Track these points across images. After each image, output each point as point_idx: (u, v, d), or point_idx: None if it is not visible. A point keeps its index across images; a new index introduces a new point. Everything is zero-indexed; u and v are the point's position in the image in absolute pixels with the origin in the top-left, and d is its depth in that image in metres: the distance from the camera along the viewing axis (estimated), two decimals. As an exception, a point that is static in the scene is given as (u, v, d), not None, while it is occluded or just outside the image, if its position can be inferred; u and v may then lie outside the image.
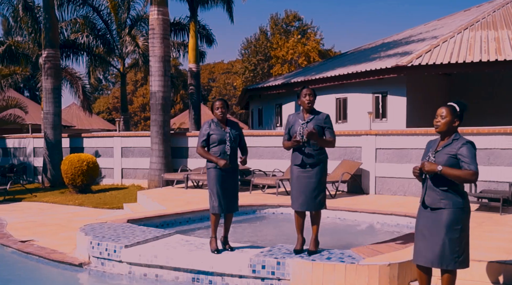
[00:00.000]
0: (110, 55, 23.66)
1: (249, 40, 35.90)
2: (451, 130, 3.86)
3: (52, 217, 9.89)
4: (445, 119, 3.84)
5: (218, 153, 5.50)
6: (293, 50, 32.27)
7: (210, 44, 25.24)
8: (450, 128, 3.85)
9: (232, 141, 5.55)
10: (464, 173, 3.69)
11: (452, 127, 3.85)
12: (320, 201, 5.16)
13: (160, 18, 14.28)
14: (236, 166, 5.68)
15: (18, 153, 17.64)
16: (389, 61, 14.63)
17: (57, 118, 15.83)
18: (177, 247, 5.84)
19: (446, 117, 3.84)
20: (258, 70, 34.18)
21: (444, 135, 3.89)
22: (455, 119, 3.84)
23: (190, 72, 22.70)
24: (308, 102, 5.19)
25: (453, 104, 3.93)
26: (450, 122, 3.83)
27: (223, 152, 5.50)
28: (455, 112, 3.85)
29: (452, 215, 3.77)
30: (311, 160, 5.13)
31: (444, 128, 3.85)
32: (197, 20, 22.78)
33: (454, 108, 3.86)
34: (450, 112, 3.84)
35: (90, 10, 22.59)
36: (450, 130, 3.85)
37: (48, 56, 15.90)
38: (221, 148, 5.50)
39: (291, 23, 36.04)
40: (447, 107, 3.88)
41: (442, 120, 3.85)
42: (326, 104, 16.51)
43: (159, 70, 14.25)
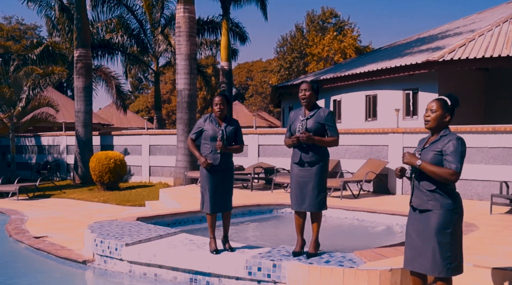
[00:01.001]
0: (144, 54, 23.97)
1: (285, 38, 35.62)
2: (442, 125, 3.55)
3: (73, 214, 10.01)
4: (435, 114, 3.54)
5: (210, 150, 5.35)
6: (328, 47, 31.77)
7: (244, 41, 25.15)
8: (440, 124, 3.55)
9: (225, 138, 5.36)
10: (442, 171, 3.39)
11: (443, 122, 3.55)
12: (320, 201, 4.92)
13: (186, 16, 14.28)
14: (230, 165, 5.51)
15: (52, 150, 18.11)
16: (421, 56, 14.08)
17: (88, 116, 16.12)
18: (178, 246, 5.72)
19: (436, 112, 3.54)
20: (293, 67, 33.88)
21: (434, 131, 3.59)
22: (446, 114, 3.54)
23: (222, 70, 22.73)
24: (303, 98, 4.94)
25: (444, 97, 3.62)
26: (441, 117, 3.53)
27: (214, 149, 5.33)
28: (446, 106, 3.55)
29: (441, 217, 3.48)
30: (310, 159, 4.88)
31: (434, 124, 3.55)
32: (229, 18, 22.76)
33: (445, 102, 3.56)
34: (440, 106, 3.54)
35: (124, 10, 23.00)
36: (441, 125, 3.55)
37: (80, 55, 16.21)
38: (213, 145, 5.35)
39: (327, 20, 35.55)
40: (438, 101, 3.58)
41: (432, 115, 3.55)
42: (355, 101, 16.11)
43: (185, 68, 14.25)
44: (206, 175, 5.38)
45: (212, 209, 5.39)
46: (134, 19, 23.34)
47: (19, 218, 9.38)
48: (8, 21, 45.75)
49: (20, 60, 20.16)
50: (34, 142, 18.46)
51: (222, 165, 5.40)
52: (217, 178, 5.39)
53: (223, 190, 5.46)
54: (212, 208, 5.38)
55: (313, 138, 4.76)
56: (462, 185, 10.13)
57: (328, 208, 8.79)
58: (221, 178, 5.42)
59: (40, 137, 18.31)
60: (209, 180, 5.36)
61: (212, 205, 5.37)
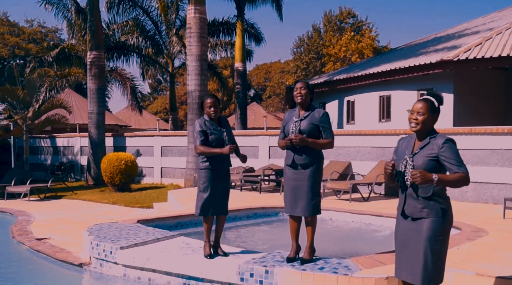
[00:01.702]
0: (159, 56, 24.04)
1: (301, 38, 35.38)
2: (429, 128, 3.35)
3: (80, 215, 10.01)
4: (423, 116, 3.32)
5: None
6: (346, 48, 31.43)
7: (259, 42, 25.05)
8: (428, 126, 3.34)
9: (229, 140, 5.27)
10: (457, 177, 3.20)
11: (431, 124, 3.36)
12: (314, 205, 4.73)
13: (197, 16, 14.21)
14: (228, 169, 5.38)
15: (67, 151, 18.25)
16: (436, 56, 13.73)
17: (101, 118, 16.18)
18: (173, 250, 5.62)
19: (424, 114, 3.32)
20: (310, 68, 33.62)
21: (421, 134, 3.37)
22: (434, 115, 3.34)
23: (237, 71, 22.64)
24: (298, 96, 4.77)
25: (430, 98, 3.40)
26: (429, 119, 3.32)
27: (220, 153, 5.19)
28: (434, 108, 3.34)
29: (435, 224, 3.30)
30: (303, 161, 4.70)
31: (422, 127, 3.33)
32: (243, 19, 22.67)
33: (432, 103, 3.35)
34: (428, 107, 3.33)
35: (140, 12, 23.10)
36: (429, 128, 3.35)
37: (93, 57, 16.29)
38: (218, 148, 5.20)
39: (345, 20, 35.19)
40: (425, 103, 3.36)
41: (419, 118, 3.32)
42: (369, 102, 15.83)
43: (196, 69, 14.18)
44: (207, 177, 5.24)
45: (212, 212, 5.25)
46: (150, 21, 23.44)
47: (25, 219, 9.41)
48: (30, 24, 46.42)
49: (36, 62, 20.42)
50: (50, 143, 18.64)
51: (224, 167, 5.29)
52: (219, 181, 5.28)
53: (223, 193, 5.34)
54: (212, 211, 5.24)
55: (307, 140, 4.59)
56: (476, 188, 9.82)
57: (335, 212, 8.71)
58: (222, 180, 5.31)
59: (55, 138, 18.48)
60: (211, 182, 5.22)
61: (212, 208, 5.24)
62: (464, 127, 10.23)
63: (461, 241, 5.90)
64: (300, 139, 4.55)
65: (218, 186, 5.24)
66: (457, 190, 10.10)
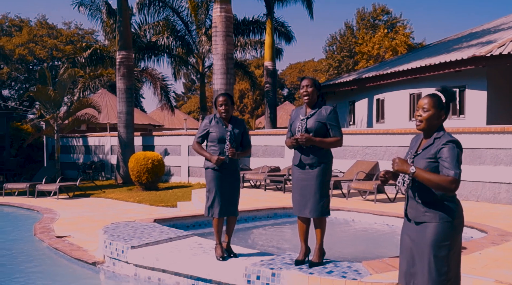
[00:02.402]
0: (189, 56, 24.17)
1: (334, 36, 34.93)
2: (436, 126, 3.09)
3: (103, 213, 10.10)
4: (427, 113, 3.07)
5: (218, 152, 5.11)
6: (379, 45, 30.82)
7: (289, 41, 24.84)
8: (434, 124, 3.08)
9: (233, 140, 5.12)
10: (439, 178, 2.91)
11: (437, 122, 3.09)
12: (322, 206, 4.56)
13: (222, 15, 14.18)
14: (237, 167, 5.26)
15: (98, 150, 18.57)
16: (468, 51, 13.21)
17: (130, 117, 16.36)
18: (183, 250, 5.55)
19: (429, 110, 3.07)
20: (342, 66, 33.15)
21: (427, 133, 3.13)
22: (440, 112, 3.07)
23: (266, 70, 22.53)
24: (305, 94, 4.60)
25: (438, 93, 3.14)
26: (434, 117, 3.06)
27: (222, 152, 5.09)
28: (441, 104, 3.07)
29: (439, 229, 3.04)
30: (310, 160, 4.53)
31: (427, 125, 3.08)
32: (273, 17, 22.54)
33: (439, 98, 3.09)
34: (434, 103, 3.07)
35: (170, 12, 23.28)
36: (434, 126, 3.09)
37: (122, 57, 16.49)
38: (220, 147, 5.10)
39: (378, 17, 34.52)
40: (431, 98, 3.10)
41: (424, 114, 3.07)
42: (399, 100, 15.41)
43: (221, 68, 14.15)
44: (212, 177, 5.15)
45: (220, 213, 5.14)
46: (180, 21, 23.59)
47: (50, 217, 9.57)
48: (67, 26, 47.63)
49: (69, 63, 20.86)
50: (82, 142, 19.01)
51: (229, 167, 5.17)
52: (225, 181, 5.16)
53: (231, 193, 5.22)
54: (220, 212, 5.14)
55: (313, 139, 4.41)
56: (510, 190, 9.38)
57: (357, 213, 8.47)
58: (228, 180, 5.19)
59: (87, 137, 18.83)
60: (216, 183, 5.13)
61: (220, 209, 5.13)
62: (497, 126, 9.79)
63: (485, 245, 5.60)
64: (306, 138, 4.38)
65: (224, 186, 5.13)
66: (489, 192, 9.67)
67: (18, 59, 37.54)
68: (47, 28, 43.14)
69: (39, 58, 39.30)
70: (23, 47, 37.99)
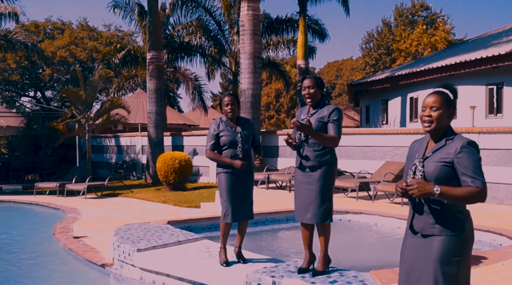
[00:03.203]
0: (222, 55, 24.14)
1: (371, 34, 34.18)
2: (446, 126, 2.77)
3: (126, 214, 10.12)
4: (437, 112, 2.72)
5: (229, 156, 4.90)
6: (417, 42, 29.91)
7: (323, 39, 24.44)
8: (444, 124, 2.76)
9: (245, 142, 4.92)
10: (467, 192, 2.58)
11: (448, 122, 2.77)
12: (323, 212, 4.28)
13: (250, 14, 14.01)
14: (251, 170, 5.05)
15: (129, 150, 18.77)
16: (507, 46, 12.53)
17: (159, 118, 16.43)
18: (189, 254, 5.40)
19: (439, 109, 2.73)
20: (379, 64, 32.38)
21: (435, 134, 2.79)
22: (450, 110, 2.74)
23: (299, 68, 22.23)
24: (307, 96, 4.33)
25: (444, 90, 2.80)
26: (445, 116, 2.73)
27: (235, 155, 4.88)
28: (450, 101, 2.75)
29: (448, 243, 2.71)
30: (311, 163, 4.27)
31: (439, 125, 2.74)
32: (306, 15, 22.21)
33: (447, 95, 2.76)
34: (443, 100, 2.74)
35: (203, 12, 23.32)
36: (445, 126, 2.76)
37: (152, 58, 16.58)
38: (233, 151, 4.89)
39: (417, 13, 33.52)
40: (439, 96, 2.76)
41: (434, 114, 2.73)
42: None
43: (248, 67, 13.99)
44: (226, 180, 4.95)
45: (233, 218, 4.94)
46: (213, 21, 23.59)
47: (73, 216, 9.65)
48: (107, 28, 48.69)
49: (104, 65, 21.22)
50: (114, 142, 19.27)
51: (244, 169, 4.97)
52: (238, 184, 4.96)
53: (244, 196, 5.02)
54: (233, 217, 4.93)
55: (310, 127, 4.05)
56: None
57: (381, 216, 8.10)
58: (241, 184, 4.98)
59: (119, 137, 19.07)
60: (229, 187, 4.93)
61: (233, 214, 4.93)
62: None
63: (509, 255, 5.17)
64: (302, 125, 4.04)
65: (237, 189, 4.92)
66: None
67: (59, 61, 38.59)
68: (88, 30, 44.20)
69: (80, 59, 40.30)
70: (64, 49, 39.05)
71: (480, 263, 4.81)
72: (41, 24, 42.64)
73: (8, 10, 18.26)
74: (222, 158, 4.92)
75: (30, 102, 43.13)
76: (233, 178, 4.89)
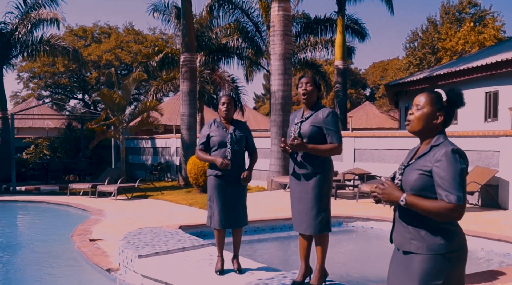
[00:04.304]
0: (259, 57, 24.00)
1: (415, 32, 33.12)
2: (432, 129, 2.43)
3: (150, 216, 10.10)
4: (420, 112, 2.43)
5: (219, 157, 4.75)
6: (464, 40, 28.70)
7: (363, 39, 23.93)
8: (429, 127, 2.42)
9: (235, 143, 4.74)
10: (438, 207, 2.25)
11: (432, 125, 2.42)
12: (320, 222, 4.02)
13: (280, 14, 13.78)
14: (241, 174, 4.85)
15: (164, 152, 18.93)
16: (554, 43, 11.69)
17: (192, 120, 16.45)
18: (190, 262, 5.26)
19: (423, 108, 2.43)
20: (424, 64, 31.30)
21: (423, 138, 2.48)
22: (437, 112, 2.41)
23: (337, 69, 21.86)
24: (303, 93, 4.08)
25: (439, 90, 2.49)
26: (429, 117, 2.41)
27: (224, 156, 4.73)
28: (439, 102, 2.42)
29: (427, 264, 2.38)
30: (305, 170, 4.02)
31: (419, 126, 2.43)
32: (344, 15, 21.78)
33: (438, 96, 2.44)
34: (430, 101, 2.42)
35: (240, 14, 23.26)
36: (430, 129, 2.43)
37: (185, 60, 16.63)
38: (222, 152, 4.74)
39: (464, 10, 32.18)
40: (428, 95, 2.46)
41: (416, 113, 2.44)
42: (473, 99, 14.05)
43: (279, 68, 13.76)
44: (214, 185, 4.82)
45: (222, 224, 4.79)
46: (250, 22, 23.50)
47: (96, 218, 9.72)
48: (152, 32, 49.65)
49: (142, 67, 21.54)
50: (150, 144, 19.50)
51: (233, 173, 4.80)
52: (228, 189, 4.81)
53: (235, 202, 4.85)
54: (221, 223, 4.79)
55: (305, 145, 3.87)
56: None
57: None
58: (232, 188, 4.82)
59: (155, 139, 19.28)
60: (218, 191, 4.80)
61: (222, 220, 4.79)
62: None
63: (532, 272, 4.71)
64: (297, 144, 3.85)
65: (226, 195, 4.76)
66: None
67: (105, 64, 39.63)
68: (133, 34, 45.18)
69: (125, 63, 41.27)
70: (110, 53, 40.08)
71: (495, 280, 4.40)
72: (89, 29, 43.97)
73: (50, 16, 18.81)
74: (206, 155, 4.83)
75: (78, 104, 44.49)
76: (222, 183, 4.73)
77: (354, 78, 52.98)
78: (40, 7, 18.87)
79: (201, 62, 22.52)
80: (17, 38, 19.06)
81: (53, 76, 40.82)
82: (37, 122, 27.87)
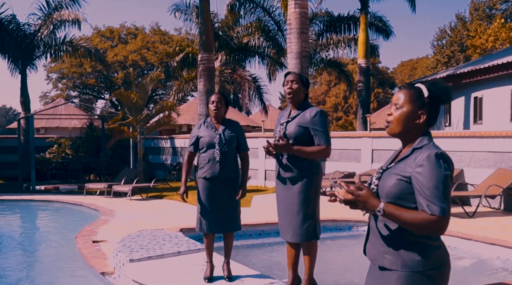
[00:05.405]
0: (280, 56, 23.73)
1: (443, 30, 32.24)
2: (414, 130, 2.15)
3: (161, 217, 9.97)
4: (399, 111, 2.14)
5: (207, 159, 4.55)
6: (494, 37, 27.74)
7: (387, 36, 23.43)
8: (410, 128, 2.14)
9: (223, 144, 4.52)
10: (419, 219, 1.97)
11: (414, 125, 2.13)
12: (306, 230, 3.76)
13: (297, 11, 13.47)
14: (234, 175, 4.63)
15: (183, 152, 18.85)
16: None
17: (210, 119, 16.29)
18: (183, 267, 5.07)
19: (402, 107, 2.14)
20: (452, 62, 30.41)
21: (404, 140, 2.19)
22: (418, 111, 2.12)
23: (359, 68, 21.38)
24: (289, 92, 3.82)
25: (419, 85, 2.20)
26: (409, 116, 2.12)
27: (212, 158, 4.52)
28: (420, 99, 2.12)
29: (403, 282, 2.13)
30: (291, 173, 3.76)
31: (399, 128, 2.15)
32: (367, 12, 21.29)
33: (419, 91, 2.15)
34: (410, 98, 2.13)
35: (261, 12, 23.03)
36: (412, 130, 2.15)
37: (202, 59, 16.51)
38: (210, 154, 4.52)
39: (495, 6, 31.13)
40: (407, 91, 2.17)
41: (395, 113, 2.15)
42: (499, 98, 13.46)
43: (295, 67, 13.45)
44: (203, 187, 4.64)
45: (208, 228, 4.60)
46: (271, 21, 23.25)
47: (105, 219, 9.64)
48: (178, 32, 49.92)
49: (162, 67, 21.56)
50: (170, 144, 19.46)
51: (222, 175, 4.58)
52: (217, 192, 4.60)
53: (224, 206, 4.64)
54: (208, 227, 4.59)
55: (289, 147, 3.61)
56: None
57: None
58: (221, 191, 4.61)
59: (174, 139, 19.23)
60: (206, 194, 4.61)
61: (209, 224, 4.59)
62: None
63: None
64: (281, 146, 3.59)
65: (215, 198, 4.57)
66: None
67: (131, 64, 39.99)
68: (160, 35, 45.48)
69: (151, 63, 41.58)
70: (136, 53, 40.44)
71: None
72: (115, 30, 44.50)
73: (71, 17, 19.01)
74: (184, 171, 4.74)
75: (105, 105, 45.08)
76: (211, 186, 4.52)
77: (381, 77, 52.10)
78: (62, 8, 19.08)
79: (222, 61, 22.40)
80: (40, 39, 19.34)
81: (81, 77, 41.46)
82: (64, 122, 28.29)
